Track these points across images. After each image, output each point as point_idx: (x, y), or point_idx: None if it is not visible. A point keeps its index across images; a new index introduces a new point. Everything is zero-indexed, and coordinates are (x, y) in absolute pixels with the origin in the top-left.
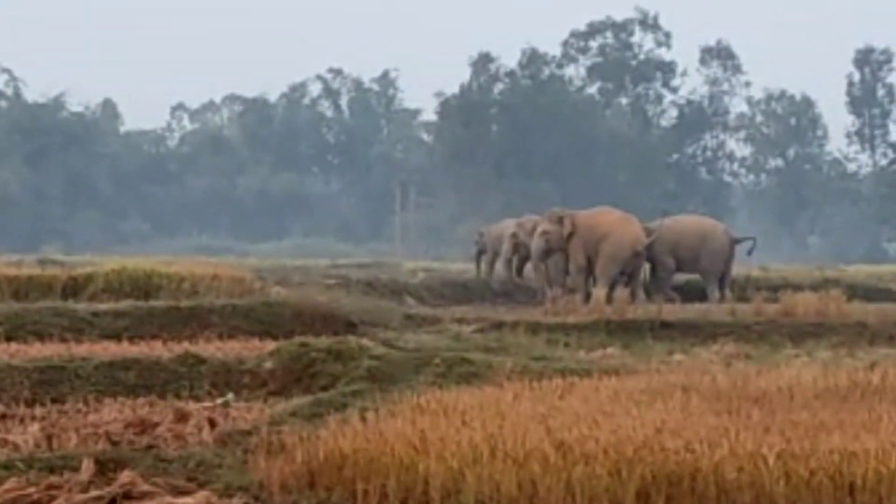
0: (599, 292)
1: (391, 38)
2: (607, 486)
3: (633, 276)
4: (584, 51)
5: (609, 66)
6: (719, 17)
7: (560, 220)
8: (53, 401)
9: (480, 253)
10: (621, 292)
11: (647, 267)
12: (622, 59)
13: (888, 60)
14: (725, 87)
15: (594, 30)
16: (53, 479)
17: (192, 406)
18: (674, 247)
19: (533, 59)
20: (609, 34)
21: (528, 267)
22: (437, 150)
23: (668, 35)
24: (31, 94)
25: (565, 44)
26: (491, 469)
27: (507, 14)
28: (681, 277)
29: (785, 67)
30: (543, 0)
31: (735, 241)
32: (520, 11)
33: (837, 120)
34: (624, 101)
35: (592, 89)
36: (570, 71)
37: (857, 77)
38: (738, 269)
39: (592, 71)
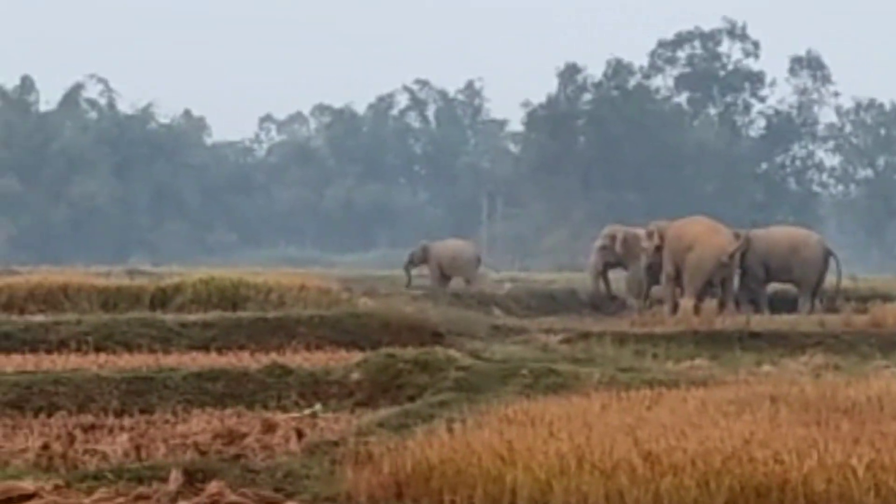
0: (687, 303)
1: (477, 48)
2: (695, 497)
3: (725, 286)
4: (672, 61)
5: (697, 76)
6: (807, 26)
7: (614, 238)
8: (142, 411)
9: (411, 264)
10: (709, 303)
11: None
12: (710, 69)
13: None
14: (814, 96)
15: (682, 39)
16: (142, 489)
17: (279, 417)
18: (766, 257)
19: (619, 69)
20: (697, 44)
21: (610, 277)
22: (524, 161)
23: (756, 44)
24: (122, 105)
25: (652, 54)
26: (578, 480)
27: (594, 24)
28: (771, 288)
29: (874, 77)
30: (630, 10)
31: (829, 253)
32: (606, 21)
33: None
34: (712, 111)
35: (680, 99)
36: (657, 81)
37: None
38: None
39: (680, 81)
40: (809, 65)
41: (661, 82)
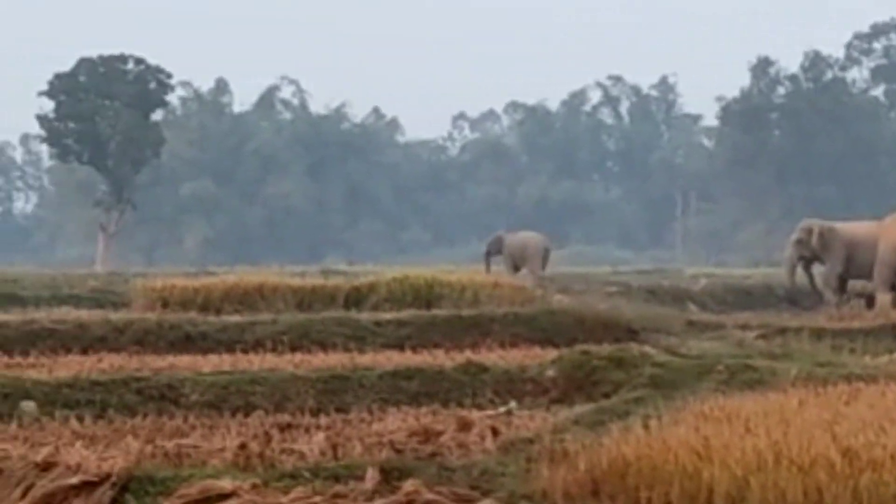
0: (883, 297)
1: (669, 43)
2: (895, 493)
3: None
4: (868, 52)
5: (893, 67)
6: None
7: (810, 232)
8: (338, 410)
9: (489, 254)
10: None
11: None
12: None
13: None
14: None
15: (878, 31)
16: (339, 487)
17: (474, 414)
18: None
19: (815, 61)
20: (893, 35)
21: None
22: (718, 156)
23: None
24: (315, 106)
25: (848, 46)
26: (776, 476)
27: (787, 17)
28: None
29: None
30: (825, 2)
31: None
32: (800, 14)
33: None
34: None
35: (877, 91)
36: (853, 73)
37: None
38: None
39: (877, 73)
40: None
41: (857, 74)
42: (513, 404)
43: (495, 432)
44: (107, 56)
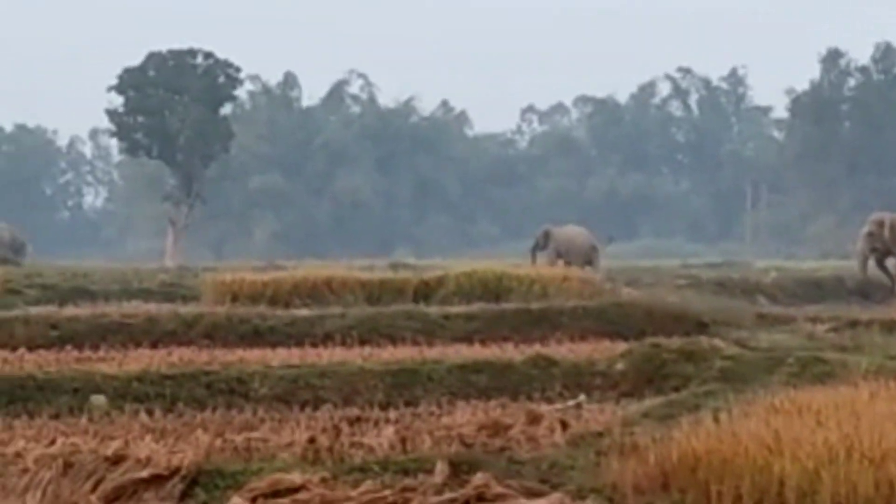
0: None
1: (738, 35)
2: None
3: None
4: None
5: None
6: None
7: (881, 224)
8: (407, 404)
9: (536, 248)
10: None
11: None
12: None
13: None
14: None
15: None
16: (408, 481)
17: (544, 408)
18: None
19: (886, 53)
20: None
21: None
22: (788, 148)
23: None
24: (383, 99)
25: None
26: (847, 470)
27: (857, 8)
28: None
29: None
30: None
31: None
32: (870, 5)
33: None
34: None
35: None
36: None
37: None
38: None
39: None
40: None
41: None
42: (582, 398)
43: (564, 426)
44: (176, 50)
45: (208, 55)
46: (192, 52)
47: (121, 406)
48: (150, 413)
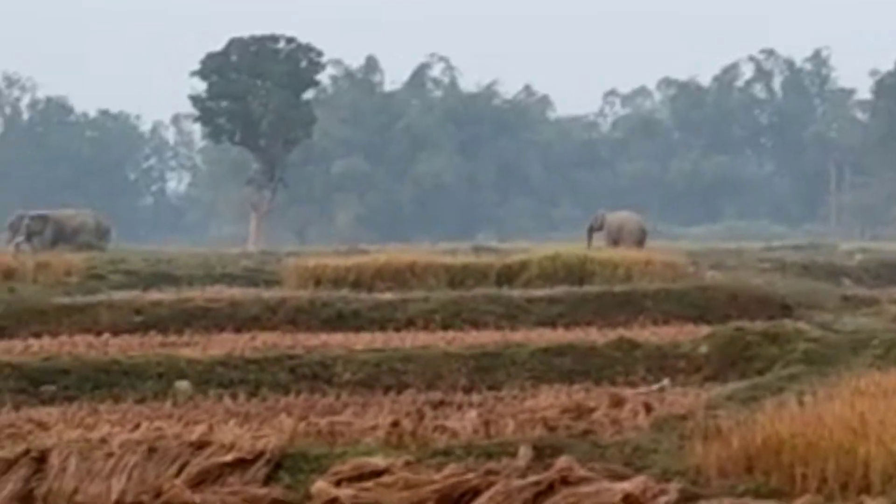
0: None
1: (822, 16)
2: None
3: None
4: None
5: None
6: None
7: None
8: (490, 387)
9: (591, 230)
10: None
11: None
12: None
13: None
14: None
15: None
16: (491, 465)
17: (627, 391)
18: None
19: None
20: None
21: None
22: (873, 129)
23: None
24: (465, 83)
25: None
26: None
27: None
28: None
29: None
30: None
31: None
32: None
33: None
34: None
35: None
36: None
37: None
38: None
39: None
40: None
41: None
42: (666, 381)
43: (648, 409)
44: (258, 36)
45: (290, 40)
46: (275, 38)
47: (205, 391)
48: (234, 397)
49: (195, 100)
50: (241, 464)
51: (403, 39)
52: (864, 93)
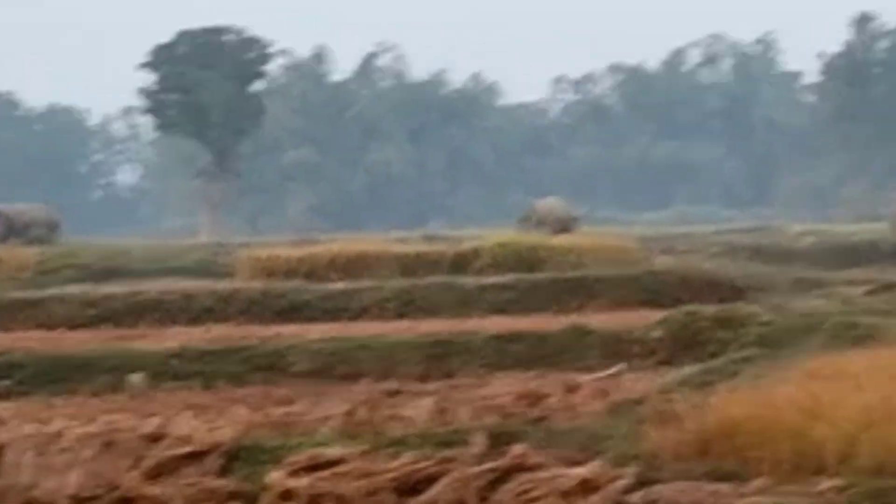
0: None
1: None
2: None
3: None
4: None
5: None
6: None
7: None
8: (444, 375)
9: (526, 221)
10: None
11: None
12: None
13: None
14: None
15: None
16: (447, 452)
17: (581, 377)
18: None
19: None
20: None
21: None
22: (821, 112)
23: None
24: (414, 72)
25: None
26: (887, 432)
27: None
28: None
29: None
30: None
31: None
32: None
33: None
34: None
35: None
36: None
37: None
38: None
39: None
40: None
41: None
42: (620, 366)
43: (603, 395)
44: (207, 28)
45: (238, 32)
46: (223, 30)
47: (160, 383)
48: (188, 389)
49: (145, 92)
50: (197, 456)
51: (352, 29)
52: (812, 76)
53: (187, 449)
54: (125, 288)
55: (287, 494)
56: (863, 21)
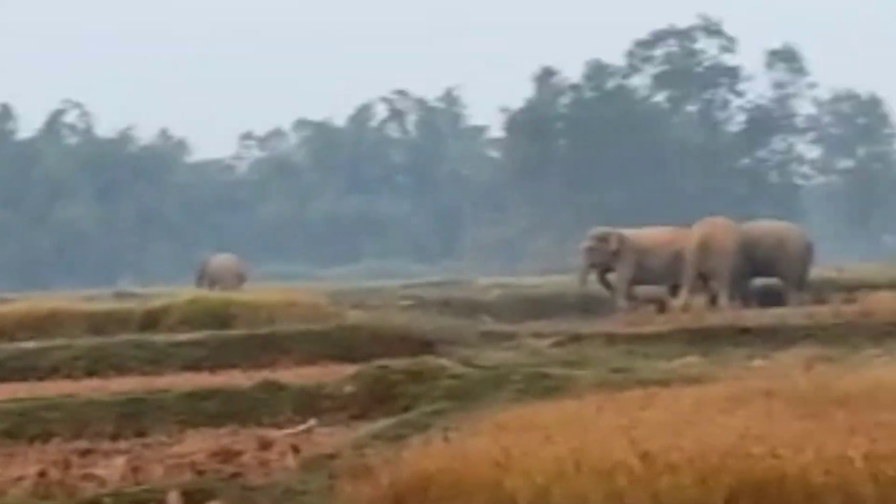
0: (677, 301)
1: (453, 56)
2: (694, 495)
3: (713, 281)
4: (649, 60)
5: (674, 73)
6: (782, 19)
7: (600, 239)
8: (137, 434)
9: (200, 279)
10: (699, 300)
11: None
12: (687, 67)
13: None
14: (791, 89)
15: (658, 38)
16: None
17: (274, 433)
18: (751, 251)
19: (598, 70)
20: (673, 42)
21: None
22: (506, 166)
23: (731, 40)
24: (101, 129)
25: (629, 54)
26: (576, 483)
27: (569, 27)
28: (759, 283)
29: (849, 67)
30: (605, 11)
31: (811, 246)
32: (581, 24)
33: None
34: (691, 108)
35: (659, 98)
36: (635, 81)
37: None
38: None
39: (658, 80)
40: (785, 58)
41: (640, 81)
42: (312, 422)
43: (296, 450)
44: None
45: None
46: None
47: None
48: None
49: None
50: None
51: (38, 87)
52: (496, 130)
53: None
54: None
55: None
56: (544, 76)
